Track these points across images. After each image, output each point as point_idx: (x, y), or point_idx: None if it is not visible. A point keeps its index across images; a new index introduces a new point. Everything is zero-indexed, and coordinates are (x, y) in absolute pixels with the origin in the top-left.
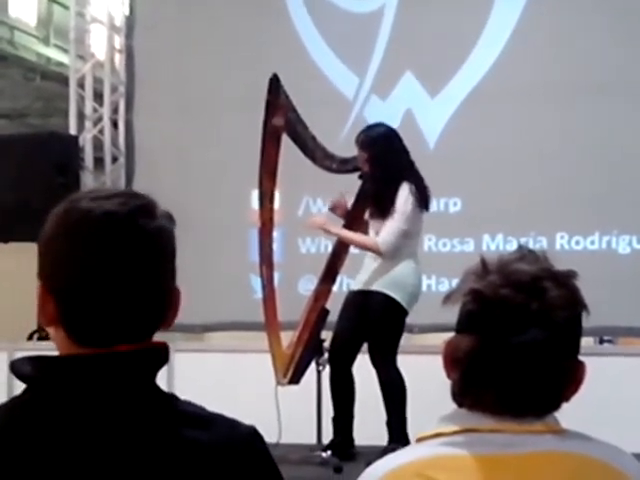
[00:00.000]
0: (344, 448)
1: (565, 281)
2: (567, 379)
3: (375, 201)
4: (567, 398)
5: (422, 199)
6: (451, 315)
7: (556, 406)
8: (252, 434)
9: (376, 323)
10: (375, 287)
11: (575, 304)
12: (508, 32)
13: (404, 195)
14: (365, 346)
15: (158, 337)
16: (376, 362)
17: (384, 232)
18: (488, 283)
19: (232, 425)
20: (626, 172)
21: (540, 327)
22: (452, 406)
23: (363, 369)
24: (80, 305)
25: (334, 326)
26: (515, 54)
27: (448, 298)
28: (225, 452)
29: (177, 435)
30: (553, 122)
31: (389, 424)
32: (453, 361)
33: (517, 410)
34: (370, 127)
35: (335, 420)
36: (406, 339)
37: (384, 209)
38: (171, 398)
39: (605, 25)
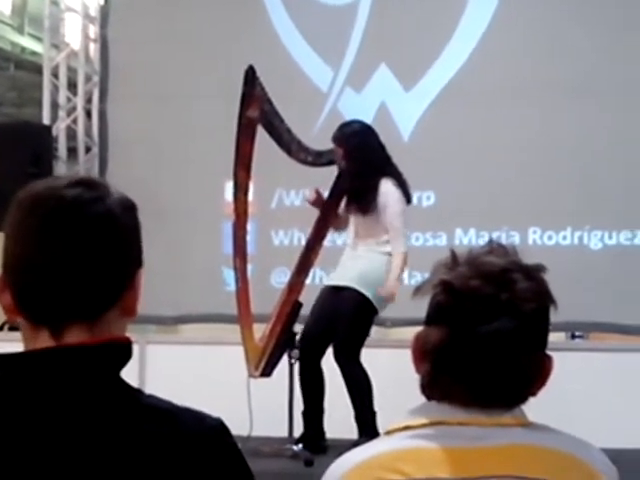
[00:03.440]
0: (315, 441)
1: (534, 274)
2: (534, 372)
3: (354, 197)
4: (534, 392)
5: (405, 194)
6: (424, 309)
7: (523, 399)
8: (219, 427)
9: (346, 319)
10: (348, 283)
11: (543, 296)
12: (483, 27)
13: (393, 192)
14: None
15: (130, 328)
16: (340, 359)
17: (394, 238)
18: (458, 274)
19: (199, 418)
20: (599, 168)
21: (508, 317)
22: (423, 400)
23: (334, 363)
24: (28, 282)
25: (306, 320)
26: (490, 49)
27: (418, 290)
28: (191, 446)
29: (141, 430)
30: (526, 117)
31: (358, 419)
32: (422, 354)
33: (485, 401)
34: (345, 124)
35: (305, 414)
36: (379, 333)
37: (364, 204)
38: (136, 392)
39: (580, 21)
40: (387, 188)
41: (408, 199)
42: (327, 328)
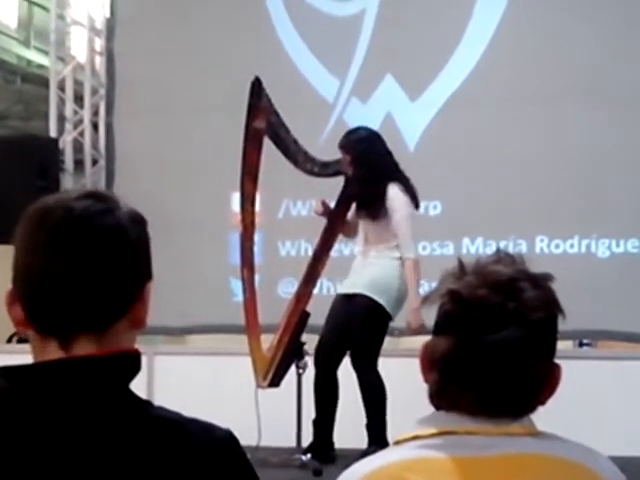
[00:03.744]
0: (324, 451)
1: (541, 283)
2: (543, 381)
3: (363, 202)
4: (543, 401)
5: (413, 198)
6: (431, 318)
7: (532, 408)
8: (228, 438)
9: (359, 326)
10: (361, 290)
11: (551, 305)
12: (488, 36)
13: (400, 197)
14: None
15: (138, 339)
16: (357, 365)
17: (403, 244)
18: (465, 284)
19: (207, 429)
20: (606, 176)
21: (516, 326)
22: (432, 409)
23: (343, 372)
24: (37, 293)
25: (321, 329)
26: (496, 58)
27: (426, 299)
28: (201, 457)
29: (150, 441)
30: (533, 126)
31: (369, 427)
32: (430, 363)
33: (493, 410)
34: (352, 130)
35: (316, 423)
36: (388, 342)
37: (373, 210)
38: (145, 404)
39: (587, 29)
40: (394, 193)
41: (416, 204)
42: (342, 336)
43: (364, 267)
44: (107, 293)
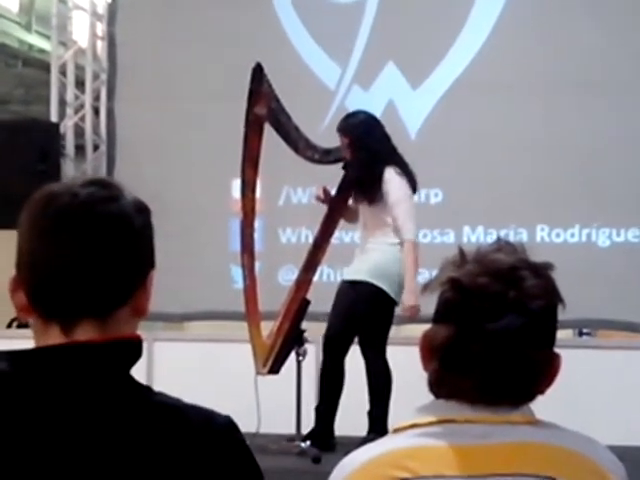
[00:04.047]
0: (324, 438)
1: (542, 272)
2: (542, 369)
3: (359, 185)
4: (542, 390)
5: (410, 181)
6: (431, 307)
7: (531, 397)
8: (228, 424)
9: (364, 313)
10: (363, 277)
11: (551, 294)
12: (491, 24)
13: (396, 180)
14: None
15: (139, 325)
16: (366, 353)
17: (401, 225)
18: (466, 272)
19: (208, 416)
20: (607, 166)
21: (516, 314)
22: (432, 397)
23: (347, 359)
24: (41, 278)
25: (321, 316)
26: (498, 46)
27: (426, 287)
28: (201, 443)
29: (150, 427)
30: (535, 115)
31: (370, 414)
32: (430, 352)
33: (493, 399)
34: (350, 114)
35: (318, 410)
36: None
37: (370, 193)
38: (146, 390)
39: (590, 17)
40: (390, 175)
41: (413, 187)
42: (348, 324)
43: (364, 254)
44: (109, 280)
